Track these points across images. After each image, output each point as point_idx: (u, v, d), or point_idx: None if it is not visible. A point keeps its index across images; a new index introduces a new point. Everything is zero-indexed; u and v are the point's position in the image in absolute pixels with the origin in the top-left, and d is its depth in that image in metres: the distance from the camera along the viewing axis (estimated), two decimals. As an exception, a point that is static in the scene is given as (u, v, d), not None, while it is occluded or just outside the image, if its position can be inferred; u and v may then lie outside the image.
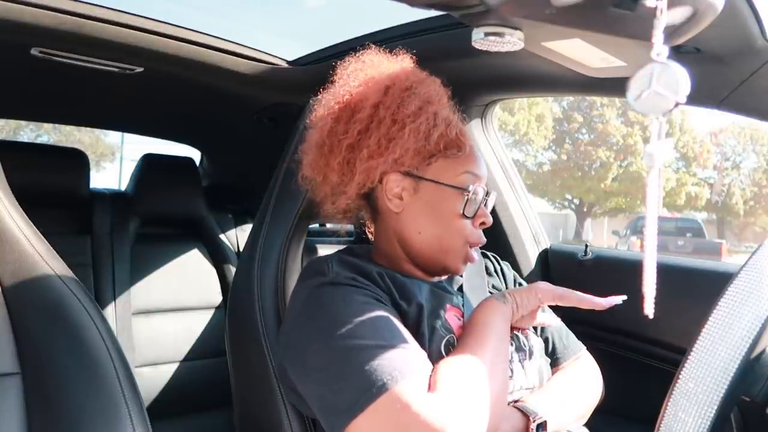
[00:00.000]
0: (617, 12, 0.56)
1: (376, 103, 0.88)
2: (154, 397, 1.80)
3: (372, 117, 0.87)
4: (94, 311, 0.77)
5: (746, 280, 0.67)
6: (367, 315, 0.79)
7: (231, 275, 1.99)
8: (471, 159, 0.92)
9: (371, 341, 0.75)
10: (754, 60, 0.82)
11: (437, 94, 0.91)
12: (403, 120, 0.86)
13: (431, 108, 0.89)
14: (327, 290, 0.84)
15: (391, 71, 0.91)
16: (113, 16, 1.21)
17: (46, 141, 19.75)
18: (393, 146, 0.86)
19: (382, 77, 0.90)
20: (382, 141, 0.87)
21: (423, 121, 0.87)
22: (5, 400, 0.69)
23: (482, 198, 0.92)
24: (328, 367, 0.77)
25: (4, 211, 0.81)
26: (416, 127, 0.86)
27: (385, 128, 0.87)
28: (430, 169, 0.90)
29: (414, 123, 0.86)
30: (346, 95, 0.90)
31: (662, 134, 0.51)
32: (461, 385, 0.72)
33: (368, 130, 0.87)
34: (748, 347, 0.63)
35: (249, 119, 1.87)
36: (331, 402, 0.76)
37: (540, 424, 0.82)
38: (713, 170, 22.69)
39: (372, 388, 0.71)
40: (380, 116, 0.87)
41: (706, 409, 0.62)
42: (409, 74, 0.92)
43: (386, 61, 0.94)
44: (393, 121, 0.87)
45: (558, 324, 1.06)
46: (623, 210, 21.35)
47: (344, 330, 0.77)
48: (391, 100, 0.87)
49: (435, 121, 0.88)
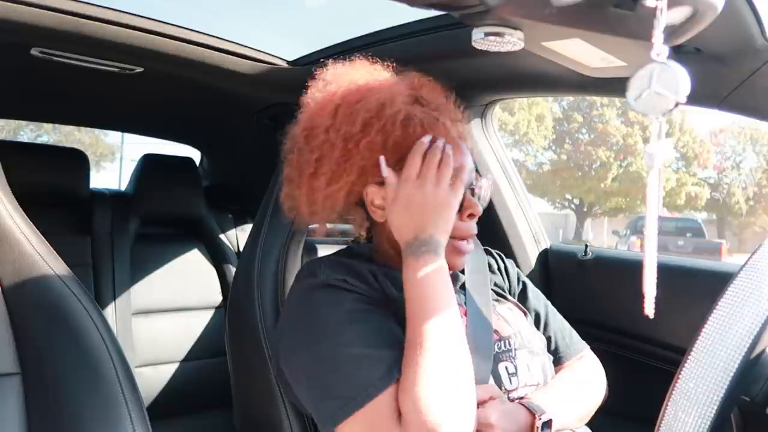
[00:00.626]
0: (617, 12, 0.56)
1: (328, 127, 0.86)
2: (154, 397, 1.80)
3: (324, 142, 0.86)
4: (94, 311, 0.77)
5: (746, 280, 0.67)
6: (354, 321, 0.80)
7: (231, 275, 1.99)
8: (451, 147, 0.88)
9: (356, 349, 0.77)
10: (755, 60, 0.82)
11: (391, 96, 0.86)
12: (354, 138, 0.84)
13: (386, 112, 0.85)
14: (316, 294, 0.85)
15: (344, 89, 0.88)
16: (113, 16, 1.21)
17: (46, 141, 19.76)
18: (350, 167, 0.85)
19: (335, 97, 0.87)
20: (339, 164, 0.85)
21: (375, 132, 0.84)
22: (5, 400, 0.69)
23: (469, 186, 0.90)
24: (315, 373, 0.80)
25: (4, 211, 0.81)
26: (369, 141, 0.84)
27: (338, 151, 0.84)
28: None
29: (366, 138, 0.84)
30: (307, 122, 0.89)
31: (662, 134, 0.51)
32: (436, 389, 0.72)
33: (323, 157, 0.86)
34: (748, 347, 0.63)
35: (249, 119, 1.87)
36: (318, 407, 0.80)
37: (545, 422, 0.82)
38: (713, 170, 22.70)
39: (356, 397, 0.74)
40: (331, 140, 0.85)
41: (706, 409, 0.62)
42: (361, 86, 0.87)
43: (344, 72, 0.91)
44: (345, 142, 0.84)
45: (560, 321, 1.07)
46: (623, 210, 21.34)
47: (331, 337, 0.79)
48: (340, 122, 0.85)
49: (389, 126, 0.84)
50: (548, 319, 1.05)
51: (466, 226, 0.90)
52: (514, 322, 0.96)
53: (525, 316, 1.01)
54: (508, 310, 0.98)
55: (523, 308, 1.02)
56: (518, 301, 1.04)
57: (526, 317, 1.01)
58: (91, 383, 0.71)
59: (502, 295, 1.02)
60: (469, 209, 0.90)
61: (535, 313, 1.04)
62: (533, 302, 1.06)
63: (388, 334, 0.80)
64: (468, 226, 0.91)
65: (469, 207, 0.90)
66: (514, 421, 0.81)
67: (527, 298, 1.06)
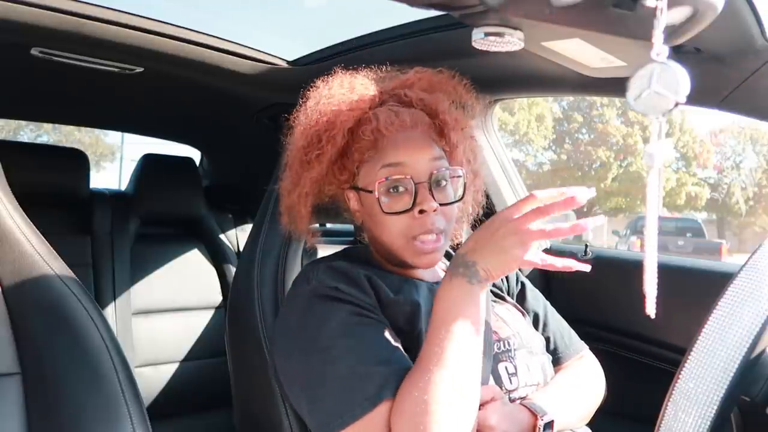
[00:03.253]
0: (617, 12, 0.56)
1: (293, 148, 0.93)
2: (154, 397, 1.80)
3: (294, 161, 0.93)
4: (94, 311, 0.78)
5: (746, 280, 0.67)
6: (344, 335, 0.79)
7: (231, 275, 1.99)
8: (387, 151, 0.88)
9: (345, 366, 0.76)
10: (755, 60, 0.82)
11: (348, 104, 0.89)
12: (307, 156, 0.90)
13: (335, 128, 0.88)
14: (308, 304, 0.85)
15: (313, 111, 0.91)
16: (113, 16, 1.21)
17: (46, 141, 19.75)
18: (303, 180, 0.91)
19: (308, 123, 0.91)
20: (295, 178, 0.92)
21: (326, 147, 0.88)
22: (5, 400, 0.69)
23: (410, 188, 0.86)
24: (305, 384, 0.81)
25: (4, 211, 0.81)
26: (318, 155, 0.89)
27: (297, 165, 0.92)
28: (359, 179, 0.92)
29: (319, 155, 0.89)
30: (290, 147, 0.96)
31: (662, 134, 0.51)
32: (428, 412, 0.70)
33: (290, 170, 0.94)
34: (748, 347, 0.63)
35: (249, 119, 1.87)
36: (309, 416, 0.81)
37: (547, 423, 0.82)
38: (713, 170, 22.70)
39: (343, 415, 0.73)
40: (290, 160, 0.94)
41: (706, 409, 0.62)
42: (319, 104, 0.91)
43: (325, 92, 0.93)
44: (300, 161, 0.91)
45: (559, 321, 1.07)
46: (623, 210, 21.34)
47: (319, 351, 0.79)
48: (303, 142, 0.91)
49: (337, 139, 0.88)
50: (547, 319, 1.05)
51: (420, 222, 0.85)
52: (513, 322, 0.96)
53: (524, 317, 1.01)
54: (507, 311, 0.98)
55: (521, 309, 1.02)
56: (517, 302, 1.04)
57: (525, 318, 1.01)
58: (91, 383, 0.71)
59: (500, 296, 1.02)
60: (419, 204, 0.85)
61: (533, 314, 1.04)
62: (532, 303, 1.06)
63: (381, 347, 0.79)
64: (422, 222, 0.85)
65: (420, 203, 0.85)
66: (516, 423, 0.81)
67: (526, 299, 1.06)
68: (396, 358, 0.78)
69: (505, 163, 1.55)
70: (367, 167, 0.90)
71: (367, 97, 0.91)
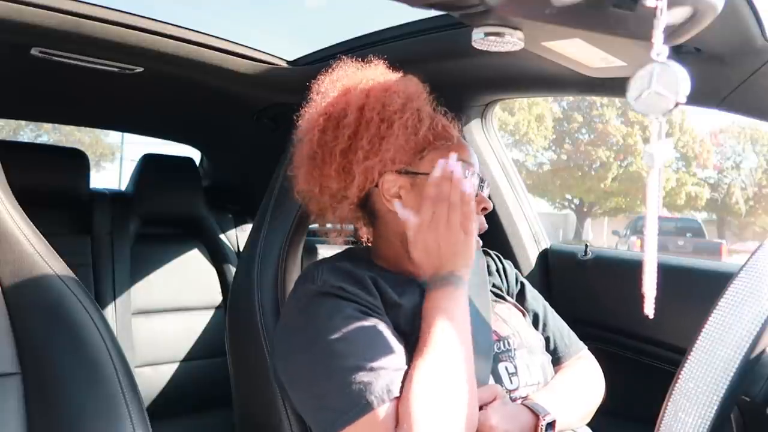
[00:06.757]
0: (617, 12, 0.56)
1: (361, 106, 0.88)
2: (154, 397, 1.80)
3: (359, 120, 0.88)
4: (94, 311, 0.77)
5: (746, 280, 0.67)
6: (349, 331, 0.79)
7: (231, 275, 1.99)
8: (461, 147, 0.93)
9: (351, 361, 0.76)
10: (755, 60, 0.82)
11: (416, 92, 0.92)
12: (391, 117, 0.87)
13: (413, 104, 0.90)
14: (313, 303, 0.85)
15: (368, 76, 0.93)
16: (113, 16, 1.21)
17: (46, 141, 19.76)
18: (386, 144, 0.87)
19: (361, 82, 0.91)
20: (375, 140, 0.87)
21: (409, 116, 0.88)
22: (5, 400, 0.69)
23: (479, 184, 0.93)
24: (309, 383, 0.80)
25: (4, 211, 0.81)
26: (404, 123, 0.88)
27: (375, 128, 0.87)
28: (423, 163, 0.90)
29: (401, 119, 0.88)
30: (328, 106, 0.91)
31: (662, 134, 0.51)
32: (433, 410, 0.72)
33: (358, 133, 0.88)
34: (748, 347, 0.63)
35: (249, 119, 1.87)
36: (313, 417, 0.81)
37: (549, 423, 0.82)
38: (713, 170, 22.71)
39: (348, 411, 0.74)
40: (367, 117, 0.88)
41: (706, 409, 0.62)
42: (386, 76, 0.94)
43: (359, 69, 0.95)
44: (381, 120, 0.87)
45: (558, 321, 1.07)
46: (623, 210, 21.35)
47: (325, 347, 0.79)
48: (374, 101, 0.88)
49: (420, 116, 0.90)
50: (546, 319, 1.05)
51: (480, 220, 0.94)
52: (513, 322, 0.96)
53: (523, 317, 1.01)
54: (507, 311, 0.98)
55: (521, 309, 1.02)
56: (516, 302, 1.04)
57: (525, 317, 1.01)
58: (91, 383, 0.71)
59: (500, 296, 1.02)
60: (483, 202, 0.94)
61: (533, 314, 1.04)
62: (531, 303, 1.06)
63: (386, 345, 0.79)
64: (482, 219, 0.95)
65: (482, 200, 0.94)
66: (517, 423, 0.81)
67: (525, 299, 1.06)
68: (402, 357, 0.78)
69: (505, 163, 1.55)
70: (436, 154, 0.90)
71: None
